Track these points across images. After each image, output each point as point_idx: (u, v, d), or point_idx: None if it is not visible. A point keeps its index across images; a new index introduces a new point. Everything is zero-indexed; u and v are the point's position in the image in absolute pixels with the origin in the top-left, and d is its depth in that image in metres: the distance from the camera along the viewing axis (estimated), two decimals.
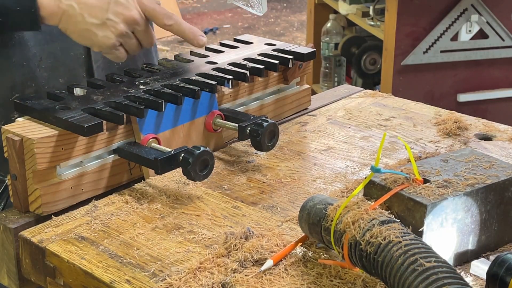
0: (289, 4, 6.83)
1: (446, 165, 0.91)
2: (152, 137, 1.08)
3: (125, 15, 1.10)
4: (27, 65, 1.18)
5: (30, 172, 0.98)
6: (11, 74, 1.18)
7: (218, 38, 5.85)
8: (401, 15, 2.90)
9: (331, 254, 0.88)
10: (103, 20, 1.09)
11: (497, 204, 0.88)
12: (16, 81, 1.18)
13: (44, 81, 1.19)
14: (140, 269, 0.87)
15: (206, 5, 6.83)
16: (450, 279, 0.69)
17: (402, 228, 0.77)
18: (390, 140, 1.24)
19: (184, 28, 1.14)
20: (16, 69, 1.18)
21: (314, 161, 1.16)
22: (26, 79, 1.19)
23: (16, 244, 0.97)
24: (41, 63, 1.19)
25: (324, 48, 3.73)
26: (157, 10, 1.13)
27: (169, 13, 1.13)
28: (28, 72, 1.19)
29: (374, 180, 0.87)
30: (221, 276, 0.83)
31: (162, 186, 1.07)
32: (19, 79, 1.18)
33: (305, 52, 1.30)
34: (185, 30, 1.14)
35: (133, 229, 0.96)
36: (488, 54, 3.03)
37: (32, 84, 1.19)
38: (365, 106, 1.39)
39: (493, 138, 1.24)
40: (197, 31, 1.15)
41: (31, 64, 1.19)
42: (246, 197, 1.04)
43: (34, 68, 1.19)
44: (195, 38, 1.14)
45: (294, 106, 1.36)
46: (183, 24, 1.14)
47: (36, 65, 1.19)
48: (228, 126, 1.17)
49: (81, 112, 1.02)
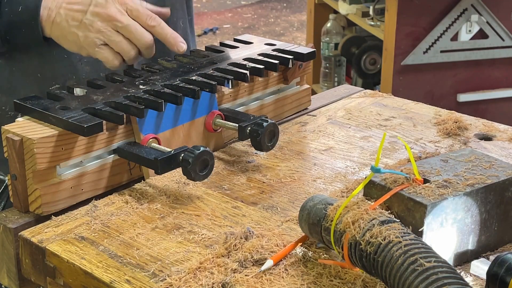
0: (289, 4, 6.83)
1: (446, 165, 0.91)
2: (152, 137, 1.08)
3: (101, 13, 1.13)
4: (69, 58, 1.23)
5: (30, 172, 0.98)
6: (52, 66, 1.22)
7: (218, 38, 5.85)
8: (401, 15, 2.90)
9: (331, 254, 0.88)
10: (81, 21, 1.13)
11: (497, 204, 0.88)
12: (57, 72, 1.23)
13: (86, 75, 1.23)
14: (140, 269, 0.87)
15: (206, 5, 6.83)
16: (450, 279, 0.69)
17: (402, 228, 0.77)
18: (390, 140, 1.24)
19: (166, 32, 1.16)
20: (58, 61, 1.22)
21: (314, 161, 1.16)
22: (67, 72, 1.23)
23: (16, 244, 0.97)
24: (83, 58, 1.23)
25: (324, 48, 3.73)
26: (139, 10, 1.15)
27: (152, 15, 1.15)
28: (70, 65, 1.23)
29: (374, 180, 0.87)
30: (221, 276, 0.83)
31: (162, 186, 1.07)
32: (60, 71, 1.23)
33: (305, 52, 1.30)
34: (167, 35, 1.16)
35: (133, 229, 0.96)
36: (488, 54, 3.03)
37: (73, 77, 1.23)
38: (365, 106, 1.40)
39: (493, 138, 1.24)
40: (179, 37, 1.16)
41: (72, 57, 1.23)
42: (246, 197, 1.04)
43: (75, 61, 1.23)
44: (176, 44, 1.16)
45: (294, 106, 1.36)
46: (165, 28, 1.16)
47: (78, 59, 1.23)
48: (228, 126, 1.17)
49: (81, 112, 1.02)
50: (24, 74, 1.24)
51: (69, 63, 1.23)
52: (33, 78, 1.23)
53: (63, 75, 1.23)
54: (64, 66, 1.23)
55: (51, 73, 1.23)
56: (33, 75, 1.22)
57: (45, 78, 1.23)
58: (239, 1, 6.94)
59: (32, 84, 1.23)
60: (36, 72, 1.22)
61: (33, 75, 1.22)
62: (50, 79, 1.23)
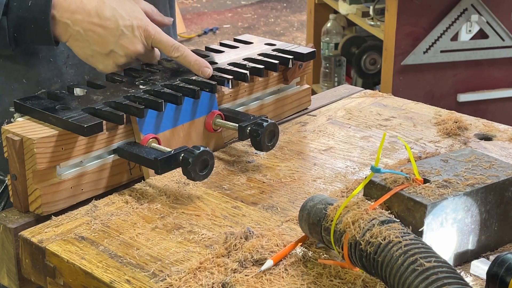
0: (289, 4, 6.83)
1: (446, 165, 0.91)
2: (152, 137, 1.08)
3: (129, 49, 1.13)
4: (54, 62, 1.20)
5: (30, 172, 0.98)
6: (37, 70, 1.19)
7: (218, 38, 5.85)
8: (401, 15, 2.90)
9: (331, 254, 0.88)
10: (106, 51, 1.12)
11: (497, 204, 0.88)
12: (43, 76, 1.20)
13: (70, 78, 1.21)
14: (140, 269, 0.87)
15: (206, 5, 6.83)
16: (450, 279, 0.69)
17: (402, 228, 0.77)
18: (390, 140, 1.24)
19: (190, 60, 1.17)
20: (43, 65, 1.20)
21: (314, 161, 1.16)
22: (52, 75, 1.21)
23: (16, 244, 0.97)
24: (68, 60, 1.22)
25: (324, 48, 3.73)
26: (163, 41, 1.15)
27: (176, 45, 1.16)
28: (55, 68, 1.21)
29: (374, 180, 0.87)
30: (221, 276, 0.83)
31: (162, 186, 1.07)
32: (45, 75, 1.20)
33: (305, 52, 1.30)
34: (191, 62, 1.17)
35: (133, 229, 0.96)
36: (488, 54, 3.03)
37: (58, 80, 1.21)
38: (365, 106, 1.40)
39: (493, 138, 1.24)
40: (203, 62, 1.17)
41: (58, 60, 1.21)
42: (246, 197, 1.04)
43: (61, 64, 1.21)
44: (200, 70, 1.17)
45: (294, 106, 1.36)
46: (189, 56, 1.17)
47: (63, 62, 1.21)
48: (228, 126, 1.17)
49: (81, 112, 1.02)
50: (9, 79, 1.19)
51: (55, 66, 1.20)
52: (18, 84, 1.19)
53: (49, 79, 1.20)
54: (50, 70, 1.20)
55: (36, 78, 1.19)
56: (18, 80, 1.19)
57: (30, 83, 1.19)
58: (239, 1, 6.94)
59: (17, 90, 1.18)
60: (21, 77, 1.19)
61: (18, 81, 1.19)
62: (35, 84, 1.19)
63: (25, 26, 1.10)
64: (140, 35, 1.13)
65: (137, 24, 1.12)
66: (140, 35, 1.13)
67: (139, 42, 1.13)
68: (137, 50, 1.13)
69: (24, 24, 1.09)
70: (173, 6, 1.41)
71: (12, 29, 1.10)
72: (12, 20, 1.09)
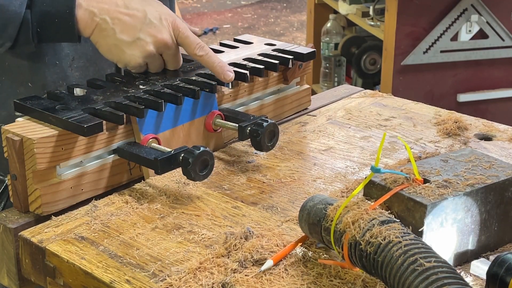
0: (289, 4, 6.83)
1: (446, 165, 0.91)
2: (152, 137, 1.08)
3: (156, 37, 1.11)
4: (59, 65, 1.19)
5: (30, 172, 0.98)
6: (43, 73, 1.19)
7: (218, 38, 5.85)
8: (401, 15, 2.90)
9: (331, 254, 0.88)
10: (133, 38, 1.10)
11: (497, 204, 0.88)
12: (48, 80, 1.19)
13: (75, 80, 1.20)
14: (140, 269, 0.87)
15: (206, 5, 6.83)
16: (450, 279, 0.69)
17: (402, 228, 0.78)
18: (390, 140, 1.24)
19: (213, 61, 1.15)
20: (48, 68, 1.19)
21: (314, 161, 1.16)
22: (57, 78, 1.20)
23: (16, 244, 0.97)
24: (73, 63, 1.21)
25: (324, 48, 3.73)
26: (190, 38, 1.14)
27: (202, 44, 1.15)
28: (60, 72, 1.20)
29: (374, 180, 0.87)
30: (221, 276, 0.83)
31: (162, 186, 1.07)
32: (51, 78, 1.19)
33: (305, 52, 1.30)
34: (214, 63, 1.15)
35: (133, 229, 0.96)
36: (488, 54, 3.03)
37: (64, 83, 1.20)
38: (365, 106, 1.40)
39: (493, 138, 1.24)
40: (226, 66, 1.15)
41: (63, 64, 1.20)
42: (246, 197, 1.04)
43: (66, 68, 1.20)
44: (222, 73, 1.15)
45: (294, 106, 1.36)
46: (213, 57, 1.15)
47: (68, 65, 1.20)
48: (228, 126, 1.17)
49: (81, 112, 1.02)
50: (14, 83, 1.19)
51: (60, 69, 1.20)
52: (24, 88, 1.18)
53: (54, 82, 1.19)
54: (55, 73, 1.19)
55: (42, 81, 1.18)
56: (23, 84, 1.18)
57: (36, 87, 1.18)
58: (239, 1, 6.94)
59: (22, 94, 1.16)
60: (27, 81, 1.18)
61: (24, 85, 1.18)
62: (41, 87, 1.18)
63: (48, 21, 1.08)
64: (168, 25, 1.12)
65: (165, 16, 1.12)
66: (168, 25, 1.12)
67: (166, 31, 1.11)
68: (164, 39, 1.11)
69: (48, 18, 1.08)
70: (173, 6, 1.41)
71: (35, 23, 1.09)
72: (35, 14, 1.08)
